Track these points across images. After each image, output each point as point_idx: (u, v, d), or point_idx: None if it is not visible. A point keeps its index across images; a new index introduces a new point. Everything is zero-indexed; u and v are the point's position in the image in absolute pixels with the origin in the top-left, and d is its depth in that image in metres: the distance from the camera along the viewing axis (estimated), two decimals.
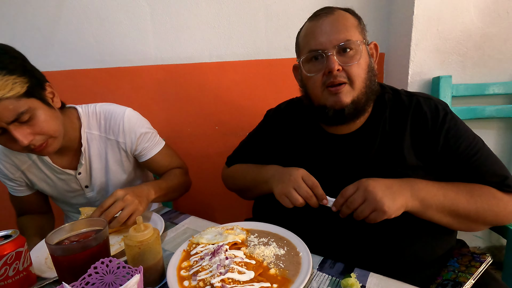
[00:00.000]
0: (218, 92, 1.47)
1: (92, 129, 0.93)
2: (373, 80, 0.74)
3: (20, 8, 1.38)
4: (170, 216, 0.90)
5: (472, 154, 0.69)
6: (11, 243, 0.54)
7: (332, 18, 0.70)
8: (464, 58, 1.27)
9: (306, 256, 0.60)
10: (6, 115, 0.67)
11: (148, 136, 0.99)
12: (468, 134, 0.71)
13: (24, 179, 0.93)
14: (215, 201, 1.60)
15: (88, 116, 0.94)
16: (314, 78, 0.72)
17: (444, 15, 1.22)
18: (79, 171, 0.93)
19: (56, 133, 0.78)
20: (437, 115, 0.71)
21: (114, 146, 0.96)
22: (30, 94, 0.71)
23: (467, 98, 1.28)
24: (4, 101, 0.66)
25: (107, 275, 0.48)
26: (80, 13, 1.38)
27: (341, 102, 0.70)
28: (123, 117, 0.94)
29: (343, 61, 0.69)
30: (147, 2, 1.38)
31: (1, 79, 0.65)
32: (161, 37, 1.43)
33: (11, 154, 0.89)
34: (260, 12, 1.40)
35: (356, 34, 0.71)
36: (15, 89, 0.67)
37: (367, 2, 1.39)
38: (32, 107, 0.72)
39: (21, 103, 0.69)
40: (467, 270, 0.70)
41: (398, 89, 0.80)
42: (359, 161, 0.74)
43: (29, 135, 0.72)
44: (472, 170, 0.69)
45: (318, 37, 0.70)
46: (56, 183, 0.94)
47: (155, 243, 0.57)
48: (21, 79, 0.69)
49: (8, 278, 0.54)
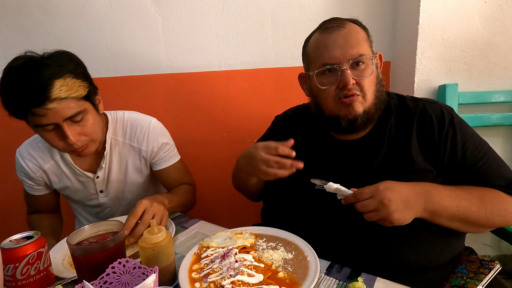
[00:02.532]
0: (227, 100, 1.51)
1: (117, 135, 0.98)
2: (382, 90, 0.77)
3: (39, 20, 1.45)
4: (180, 220, 0.92)
5: (479, 158, 0.71)
6: (33, 243, 0.57)
7: (345, 32, 0.72)
8: (469, 66, 1.28)
9: (314, 260, 0.62)
10: (66, 113, 0.75)
11: (168, 147, 1.04)
12: (474, 138, 0.73)
13: (44, 179, 0.97)
14: (223, 206, 1.62)
15: (116, 122, 0.99)
16: (327, 90, 0.75)
17: (449, 24, 1.24)
18: (97, 174, 0.97)
19: (97, 137, 0.87)
20: (443, 119, 0.73)
21: (136, 153, 1.00)
22: (87, 97, 0.81)
23: (474, 106, 1.29)
24: (69, 100, 0.75)
25: (123, 275, 0.51)
26: (95, 25, 1.45)
27: (354, 112, 0.72)
28: (149, 126, 0.99)
29: (356, 74, 0.72)
30: (159, 13, 1.44)
31: (69, 81, 0.75)
32: (172, 47, 1.47)
33: (36, 153, 0.94)
34: (268, 22, 1.44)
35: (367, 47, 0.74)
36: (79, 91, 0.77)
37: (372, 12, 1.42)
38: (86, 110, 0.81)
39: (79, 104, 0.78)
40: (475, 277, 0.70)
41: (404, 95, 0.82)
42: (367, 165, 0.76)
43: (78, 134, 0.80)
44: (479, 173, 0.71)
45: (331, 51, 0.72)
46: (74, 184, 0.98)
47: (168, 246, 0.60)
48: (84, 84, 0.79)
49: (30, 277, 0.57)
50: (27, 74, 0.71)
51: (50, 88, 0.71)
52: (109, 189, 1.01)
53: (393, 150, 0.74)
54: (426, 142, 0.73)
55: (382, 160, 0.74)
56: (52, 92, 0.71)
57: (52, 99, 0.72)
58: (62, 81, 0.73)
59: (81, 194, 1.01)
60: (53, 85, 0.71)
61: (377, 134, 0.78)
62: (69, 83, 0.74)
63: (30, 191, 1.00)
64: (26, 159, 0.94)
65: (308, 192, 0.81)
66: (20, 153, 0.95)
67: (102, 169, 0.96)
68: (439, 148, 0.72)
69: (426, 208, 0.65)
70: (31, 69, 0.72)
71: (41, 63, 0.73)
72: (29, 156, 0.94)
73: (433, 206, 0.66)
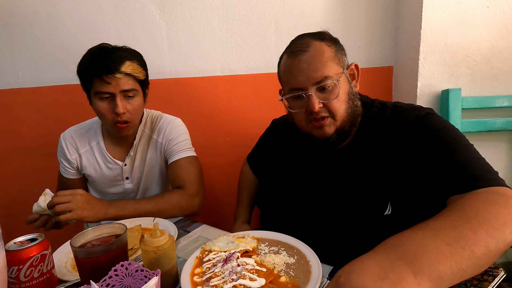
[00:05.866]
0: (230, 105, 1.52)
1: (146, 128, 1.12)
2: (355, 105, 0.77)
3: (47, 27, 1.48)
4: (182, 224, 0.92)
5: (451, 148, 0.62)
6: (37, 245, 0.58)
7: (308, 56, 0.72)
8: (473, 71, 1.28)
9: (316, 264, 0.61)
10: (124, 86, 0.93)
11: (179, 142, 1.09)
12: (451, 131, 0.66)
13: (78, 163, 1.10)
14: (225, 210, 1.62)
15: (147, 116, 1.14)
16: (298, 113, 0.77)
17: (451, 29, 1.24)
18: (125, 162, 1.09)
19: (137, 121, 1.03)
20: (415, 119, 0.70)
21: (154, 144, 1.11)
22: (143, 83, 1.00)
23: (477, 110, 1.28)
24: (130, 77, 0.94)
25: (126, 277, 0.51)
26: (100, 31, 1.47)
27: (325, 133, 0.75)
28: (170, 121, 1.13)
29: (323, 97, 0.72)
30: (164, 19, 1.46)
31: (135, 64, 0.96)
32: (176, 52, 1.49)
33: (77, 138, 1.10)
34: (271, 28, 1.46)
35: (333, 67, 0.72)
36: (139, 75, 0.97)
37: (375, 17, 1.43)
38: (138, 92, 0.99)
39: (136, 84, 0.97)
40: (479, 284, 0.69)
41: (387, 103, 0.80)
42: (347, 174, 0.77)
43: (125, 108, 0.95)
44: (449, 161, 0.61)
45: (296, 76, 0.73)
46: (103, 170, 1.10)
47: (170, 249, 0.60)
48: (143, 72, 1.00)
49: (33, 279, 0.57)
50: (106, 51, 0.93)
51: (121, 64, 0.91)
52: (134, 176, 1.12)
53: (373, 158, 0.74)
54: (402, 147, 0.70)
55: (362, 169, 0.75)
56: (122, 67, 0.91)
57: (121, 71, 0.91)
58: (130, 62, 0.94)
59: (107, 180, 1.11)
60: (124, 62, 0.92)
61: (358, 143, 0.78)
62: (134, 66, 0.95)
63: (64, 173, 1.13)
64: (67, 141, 1.09)
65: (306, 198, 0.82)
66: (64, 136, 1.10)
67: (129, 157, 1.09)
68: (415, 149, 0.67)
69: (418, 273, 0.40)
70: (110, 49, 0.94)
71: (118, 48, 0.96)
72: (71, 139, 1.09)
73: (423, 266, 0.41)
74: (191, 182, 1.03)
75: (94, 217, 0.87)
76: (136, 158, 1.11)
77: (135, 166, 1.11)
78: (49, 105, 1.54)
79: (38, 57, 1.51)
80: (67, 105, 1.53)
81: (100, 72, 0.90)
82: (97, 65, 0.90)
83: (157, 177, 1.15)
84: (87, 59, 0.93)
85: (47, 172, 1.54)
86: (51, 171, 1.34)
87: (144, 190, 1.15)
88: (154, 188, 1.16)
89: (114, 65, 0.90)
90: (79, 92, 1.00)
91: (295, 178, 0.82)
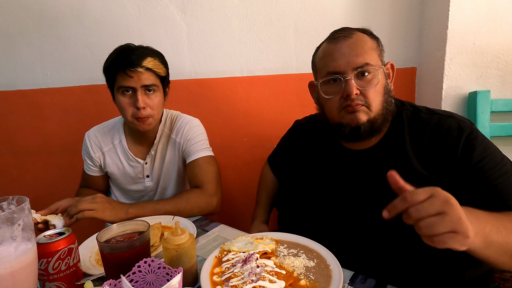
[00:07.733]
0: (248, 105, 1.52)
1: (165, 128, 1.14)
2: (390, 101, 0.75)
3: (74, 30, 1.55)
4: (201, 223, 0.93)
5: (498, 176, 0.64)
6: (64, 239, 0.60)
7: (351, 41, 0.71)
8: (503, 73, 1.21)
9: (337, 269, 0.60)
10: (146, 81, 0.97)
11: (197, 142, 1.10)
12: (495, 154, 0.67)
13: (101, 160, 1.14)
14: (241, 211, 1.63)
15: (167, 116, 1.16)
16: (332, 100, 0.74)
17: (481, 29, 1.19)
18: (146, 160, 1.12)
19: (157, 116, 1.05)
20: (459, 134, 0.68)
21: (173, 144, 1.13)
22: (163, 80, 1.04)
23: (507, 114, 1.22)
24: (151, 72, 0.98)
25: (148, 274, 0.52)
26: (124, 33, 1.52)
27: (357, 120, 0.71)
28: (188, 121, 1.14)
29: (361, 85, 0.70)
30: (185, 21, 1.49)
31: (157, 61, 1.00)
32: (196, 53, 1.52)
33: (100, 136, 1.13)
34: (290, 29, 1.45)
35: (374, 57, 0.72)
36: (160, 71, 1.01)
37: (398, 17, 1.39)
38: (159, 88, 1.03)
39: (157, 80, 1.01)
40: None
41: (420, 106, 0.78)
42: (373, 176, 0.74)
43: (145, 103, 0.98)
44: (496, 191, 0.64)
45: (336, 59, 0.71)
46: (125, 168, 1.13)
47: (191, 248, 0.60)
48: (164, 69, 1.04)
49: (61, 272, 0.59)
50: (130, 49, 0.98)
51: (143, 59, 0.95)
52: (154, 174, 1.14)
53: (402, 163, 0.71)
54: (438, 158, 0.68)
55: None
56: (144, 61, 0.95)
57: (143, 65, 0.95)
58: (152, 59, 0.98)
59: (128, 177, 1.14)
60: (146, 58, 0.96)
61: (387, 146, 0.75)
62: (156, 62, 0.99)
63: (87, 170, 1.17)
64: (91, 140, 1.13)
65: (327, 200, 0.80)
66: (88, 135, 1.14)
67: (150, 156, 1.12)
68: (453, 165, 0.66)
69: (478, 231, 0.50)
70: (134, 47, 0.99)
71: (142, 46, 1.01)
72: (95, 137, 1.13)
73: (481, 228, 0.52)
74: (209, 181, 1.05)
75: (116, 217, 0.89)
76: (156, 156, 1.13)
77: (155, 165, 1.14)
78: (75, 104, 1.60)
79: (65, 58, 1.58)
80: (92, 105, 1.59)
81: (123, 66, 0.94)
82: (121, 60, 0.95)
83: (175, 176, 1.16)
84: (113, 56, 0.98)
85: (72, 169, 1.61)
86: (76, 168, 1.39)
87: (162, 189, 1.17)
88: (171, 187, 1.18)
89: (136, 59, 0.94)
90: (103, 92, 1.04)
91: (317, 180, 0.79)
